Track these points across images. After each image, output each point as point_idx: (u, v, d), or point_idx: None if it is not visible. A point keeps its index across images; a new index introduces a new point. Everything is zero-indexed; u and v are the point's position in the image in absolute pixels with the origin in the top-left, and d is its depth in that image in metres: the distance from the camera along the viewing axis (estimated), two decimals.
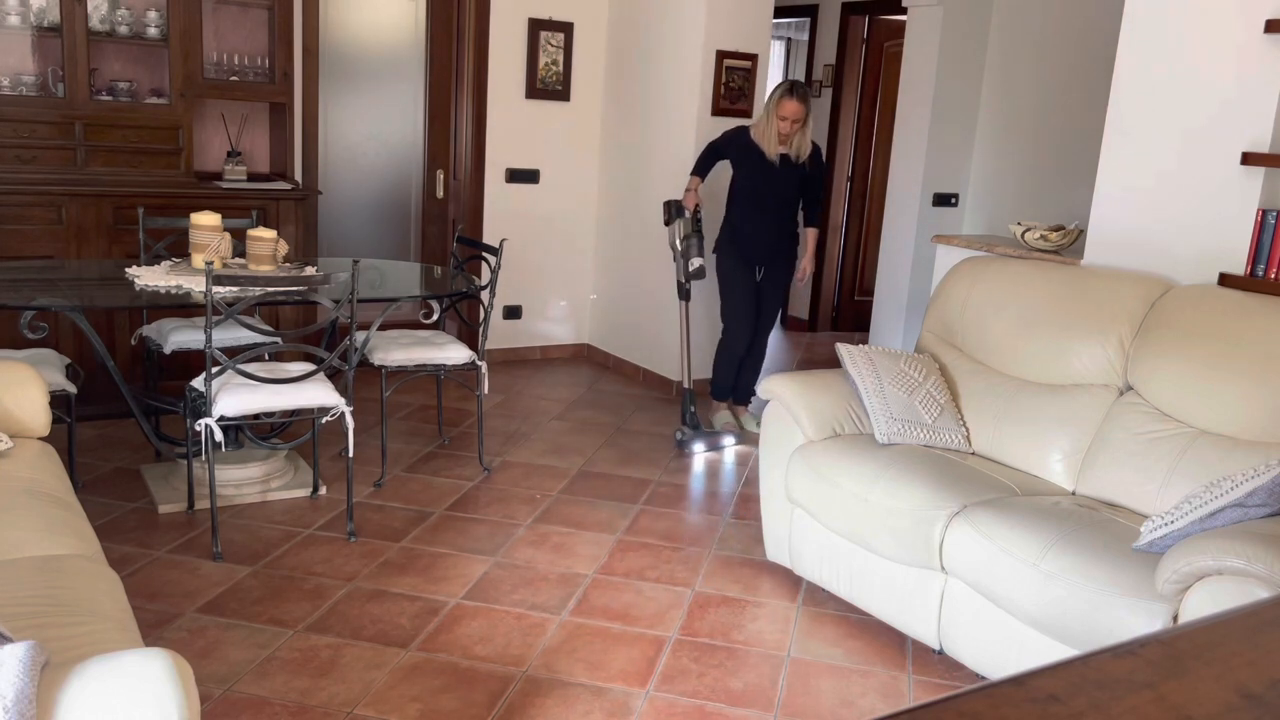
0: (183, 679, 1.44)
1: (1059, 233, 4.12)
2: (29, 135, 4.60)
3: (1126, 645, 0.84)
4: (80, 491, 3.19)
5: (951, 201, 6.42)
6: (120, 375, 3.68)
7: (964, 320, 3.66)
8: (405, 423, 5.00)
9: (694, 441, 4.85)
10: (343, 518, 3.78)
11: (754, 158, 4.86)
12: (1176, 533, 2.47)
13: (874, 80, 7.63)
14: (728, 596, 3.40)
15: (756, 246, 4.97)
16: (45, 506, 2.43)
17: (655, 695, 2.78)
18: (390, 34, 6.77)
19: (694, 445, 4.84)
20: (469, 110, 6.01)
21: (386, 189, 6.95)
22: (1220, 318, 3.02)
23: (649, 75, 5.91)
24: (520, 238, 6.08)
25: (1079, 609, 2.50)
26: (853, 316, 7.98)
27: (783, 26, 8.85)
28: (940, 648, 2.96)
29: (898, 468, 3.09)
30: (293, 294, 3.65)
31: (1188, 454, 2.90)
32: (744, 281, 5.00)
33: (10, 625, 1.76)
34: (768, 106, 4.80)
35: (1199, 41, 3.38)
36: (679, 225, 5.02)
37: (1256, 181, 3.25)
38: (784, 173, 4.88)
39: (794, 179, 4.92)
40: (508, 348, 6.30)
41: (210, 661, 2.78)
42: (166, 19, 4.84)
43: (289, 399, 3.51)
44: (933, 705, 0.73)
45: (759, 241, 4.96)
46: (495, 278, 4.29)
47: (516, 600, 3.26)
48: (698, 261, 4.96)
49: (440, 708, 2.64)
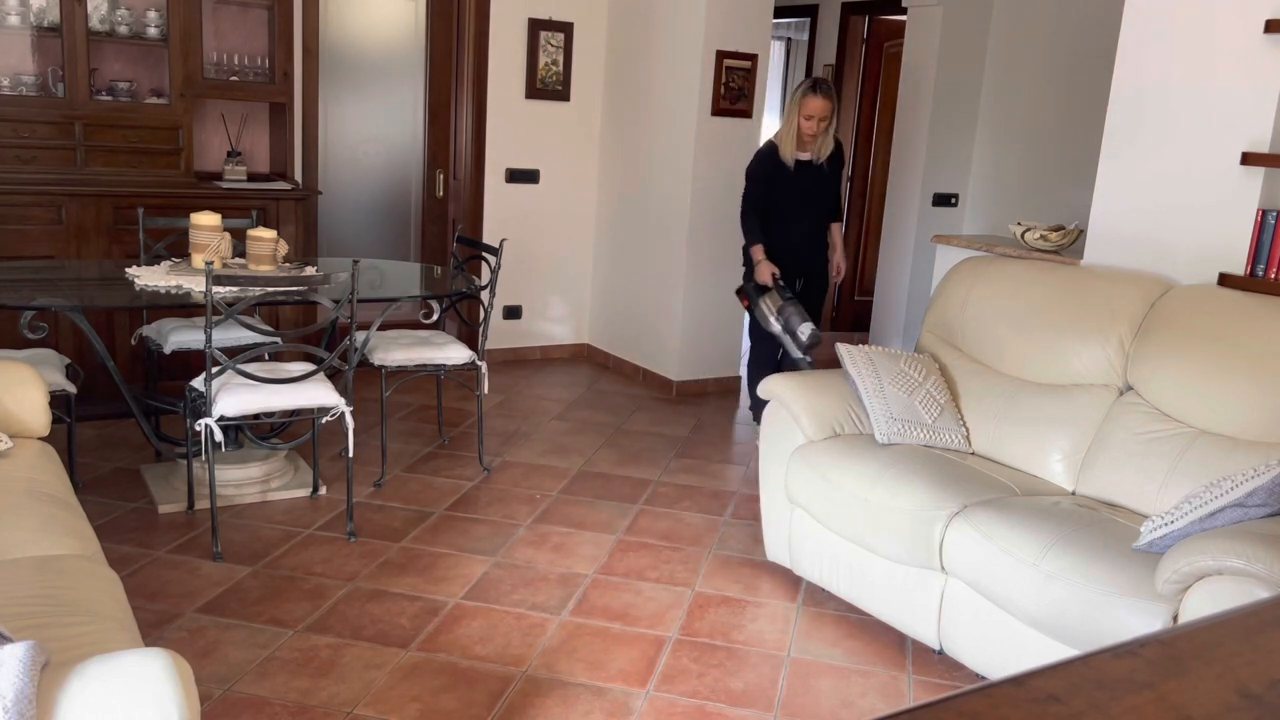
0: (183, 679, 1.44)
1: (1059, 233, 4.12)
2: (29, 135, 4.60)
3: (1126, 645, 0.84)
4: (80, 491, 3.19)
5: (951, 201, 6.42)
6: (120, 375, 3.68)
7: (964, 320, 3.66)
8: (405, 423, 5.00)
9: None
10: (343, 518, 3.78)
11: (784, 172, 4.62)
12: (1176, 533, 2.47)
13: (874, 80, 7.63)
14: (728, 596, 3.40)
15: (791, 261, 4.71)
16: (45, 506, 2.43)
17: (655, 695, 2.78)
18: (390, 34, 6.76)
19: None
20: (469, 110, 6.01)
21: (386, 189, 6.95)
22: (1220, 318, 3.02)
23: (649, 75, 5.91)
24: (520, 238, 6.08)
25: (1079, 609, 2.50)
26: (853, 316, 7.98)
27: (783, 26, 8.85)
28: (940, 648, 2.96)
29: (898, 468, 3.09)
30: (293, 294, 3.65)
31: (1188, 454, 2.90)
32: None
33: (10, 625, 1.76)
34: (790, 106, 4.57)
35: (1199, 41, 3.38)
36: (767, 302, 4.59)
37: (1256, 181, 3.25)
38: (809, 179, 4.67)
39: (820, 184, 4.71)
40: (508, 348, 6.30)
41: (210, 661, 2.78)
42: (166, 19, 4.84)
43: (289, 399, 3.51)
44: (933, 705, 0.73)
45: (793, 255, 4.72)
46: (495, 278, 4.29)
47: (516, 600, 3.26)
48: (806, 330, 4.48)
49: (440, 708, 2.64)
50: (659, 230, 5.88)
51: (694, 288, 5.74)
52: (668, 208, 5.79)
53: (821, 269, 4.89)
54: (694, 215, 5.64)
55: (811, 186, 4.67)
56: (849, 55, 7.60)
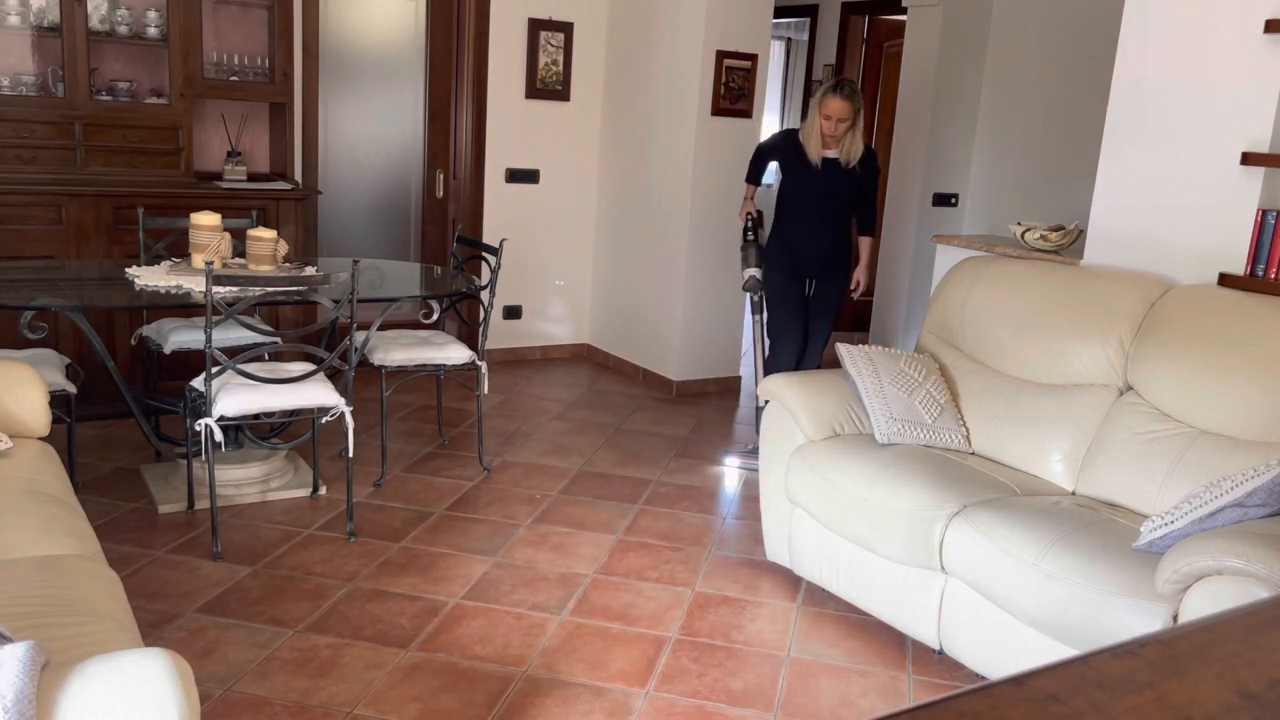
0: (183, 679, 1.44)
1: (1059, 233, 4.12)
2: (29, 135, 4.60)
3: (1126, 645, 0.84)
4: (80, 491, 3.19)
5: (951, 201, 6.42)
6: (120, 375, 3.68)
7: (964, 320, 3.66)
8: (405, 423, 5.00)
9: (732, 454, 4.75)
10: (343, 518, 3.78)
11: (801, 162, 4.52)
12: (1176, 533, 2.47)
13: (874, 80, 7.63)
14: (728, 596, 3.40)
15: (806, 258, 4.60)
16: (45, 506, 2.43)
17: (655, 695, 2.78)
18: (390, 34, 6.77)
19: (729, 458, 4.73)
20: (469, 110, 6.01)
21: (386, 189, 6.95)
22: (1220, 318, 3.02)
23: (649, 75, 5.91)
24: (520, 238, 6.08)
25: (1079, 609, 2.50)
26: (853, 316, 7.98)
27: (783, 26, 8.85)
28: (940, 648, 2.96)
29: (898, 468, 3.09)
30: (293, 294, 3.65)
31: (1188, 454, 2.90)
32: (792, 296, 4.64)
33: (10, 625, 1.76)
34: (812, 105, 4.50)
35: (1199, 41, 3.38)
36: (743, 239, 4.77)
37: (1256, 181, 3.25)
38: (833, 178, 4.52)
39: (845, 185, 4.54)
40: (508, 348, 6.30)
41: (210, 661, 2.78)
42: (166, 19, 4.84)
43: (289, 399, 3.51)
44: (933, 705, 0.73)
45: (808, 253, 4.59)
46: (495, 278, 4.29)
47: (516, 600, 3.26)
48: (747, 273, 4.63)
49: (440, 708, 2.64)
50: (659, 230, 5.88)
51: (694, 287, 5.74)
52: (668, 208, 5.79)
53: (837, 279, 4.69)
54: (694, 215, 5.64)
55: (835, 186, 4.54)
56: (849, 55, 7.60)
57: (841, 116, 4.37)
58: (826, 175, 4.52)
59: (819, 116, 4.41)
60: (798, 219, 4.61)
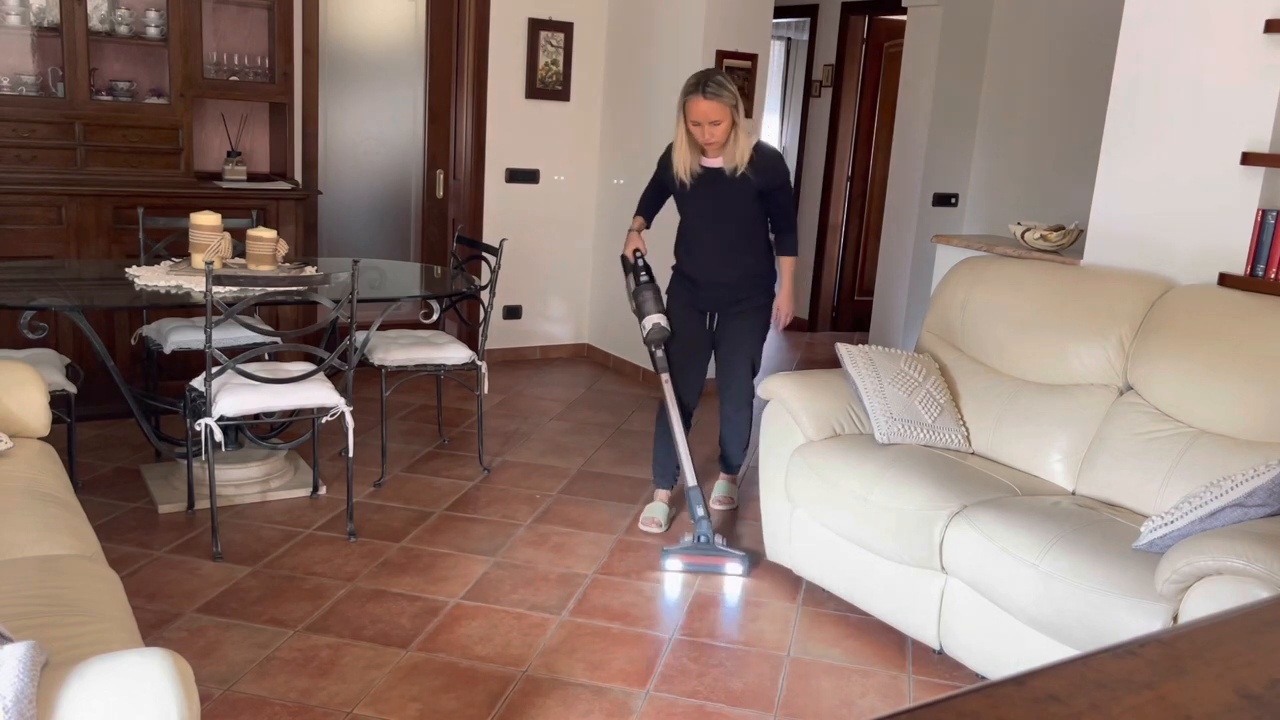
0: (182, 679, 1.44)
1: (1059, 233, 4.12)
2: (29, 135, 4.60)
3: (1126, 645, 0.84)
4: (80, 491, 3.19)
5: (951, 201, 6.42)
6: (120, 375, 3.68)
7: (964, 320, 3.66)
8: (405, 423, 5.00)
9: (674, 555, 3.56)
10: (343, 518, 3.78)
11: (678, 183, 3.78)
12: (1176, 533, 2.47)
13: (874, 80, 7.63)
14: (728, 596, 3.40)
15: (701, 288, 3.86)
16: (45, 506, 2.43)
17: (655, 695, 2.78)
18: (390, 34, 6.77)
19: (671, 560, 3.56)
20: (469, 110, 6.01)
21: (386, 189, 6.95)
22: (1220, 318, 3.02)
23: (649, 75, 5.91)
24: (520, 238, 6.08)
25: (1079, 609, 2.50)
26: (853, 316, 7.98)
27: (783, 26, 8.85)
28: (940, 648, 2.96)
29: (898, 468, 3.09)
30: (293, 294, 3.65)
31: (1188, 454, 2.90)
32: (688, 332, 3.88)
33: (10, 625, 1.76)
34: (677, 113, 3.67)
35: (1199, 41, 3.38)
36: (630, 280, 3.93)
37: (1256, 181, 3.25)
38: (722, 192, 3.72)
39: (737, 197, 3.72)
40: (508, 348, 6.30)
41: (210, 661, 2.78)
42: (166, 19, 4.84)
43: (289, 399, 3.51)
44: (933, 705, 0.73)
45: (703, 282, 3.86)
46: (495, 278, 4.29)
47: (516, 600, 3.26)
48: (649, 322, 3.81)
49: (440, 708, 2.64)
50: (659, 230, 5.87)
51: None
52: (667, 207, 5.78)
53: (747, 313, 3.87)
54: None
55: (725, 201, 3.74)
56: (849, 55, 7.60)
57: (713, 118, 3.54)
58: (712, 189, 3.73)
59: (685, 124, 3.61)
60: (691, 248, 3.89)
